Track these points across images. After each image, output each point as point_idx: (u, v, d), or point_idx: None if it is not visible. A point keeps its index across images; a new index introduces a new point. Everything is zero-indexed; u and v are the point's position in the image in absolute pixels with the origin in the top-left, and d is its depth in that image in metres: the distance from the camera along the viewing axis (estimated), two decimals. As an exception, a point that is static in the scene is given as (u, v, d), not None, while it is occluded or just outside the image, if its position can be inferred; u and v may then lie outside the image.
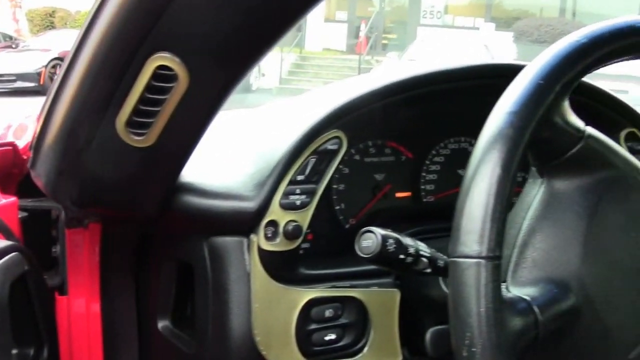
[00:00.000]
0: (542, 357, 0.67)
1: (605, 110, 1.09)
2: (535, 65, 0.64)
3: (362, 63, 13.25)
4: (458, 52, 10.98)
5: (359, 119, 0.93)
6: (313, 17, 16.13)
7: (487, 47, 11.64)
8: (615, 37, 0.67)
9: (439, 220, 0.88)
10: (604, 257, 0.67)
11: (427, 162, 1.06)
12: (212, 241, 0.89)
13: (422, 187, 1.06)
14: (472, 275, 0.57)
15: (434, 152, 1.06)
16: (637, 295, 0.67)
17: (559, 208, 0.68)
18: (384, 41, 16.96)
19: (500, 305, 0.58)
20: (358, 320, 0.92)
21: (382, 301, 0.93)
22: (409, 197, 1.05)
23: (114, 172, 0.79)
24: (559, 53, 0.65)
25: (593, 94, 1.07)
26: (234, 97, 0.75)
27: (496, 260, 0.57)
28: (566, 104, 0.67)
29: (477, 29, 16.44)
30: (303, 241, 0.92)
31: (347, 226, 1.00)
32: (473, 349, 0.57)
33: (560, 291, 0.65)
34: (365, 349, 0.92)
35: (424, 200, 1.06)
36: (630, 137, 1.10)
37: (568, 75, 0.64)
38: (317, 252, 0.95)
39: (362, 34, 14.89)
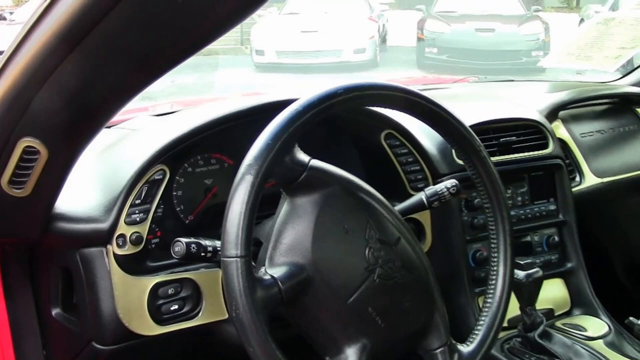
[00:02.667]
0: (290, 310, 1.03)
1: (367, 119, 1.45)
2: (267, 129, 0.97)
3: (245, 18, 13.21)
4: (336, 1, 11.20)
5: (178, 153, 1.25)
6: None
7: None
8: (321, 101, 1.01)
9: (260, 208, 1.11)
10: (326, 245, 1.03)
11: None
12: (81, 252, 1.19)
13: None
14: (233, 268, 0.91)
15: None
16: (349, 267, 1.04)
17: (296, 215, 1.04)
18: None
19: (253, 283, 0.92)
20: (193, 294, 1.24)
21: (209, 278, 1.25)
22: None
23: (3, 213, 1.09)
24: (281, 119, 0.98)
25: (357, 110, 1.42)
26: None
27: (246, 257, 0.92)
28: (294, 148, 1.02)
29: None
30: (154, 237, 1.24)
31: (187, 222, 1.33)
32: (237, 311, 0.91)
33: (297, 269, 1.00)
34: (201, 313, 1.24)
35: None
36: (389, 136, 1.46)
37: (287, 135, 0.97)
38: (166, 244, 1.20)
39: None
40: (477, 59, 9.59)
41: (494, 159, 1.62)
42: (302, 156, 1.05)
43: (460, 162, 1.55)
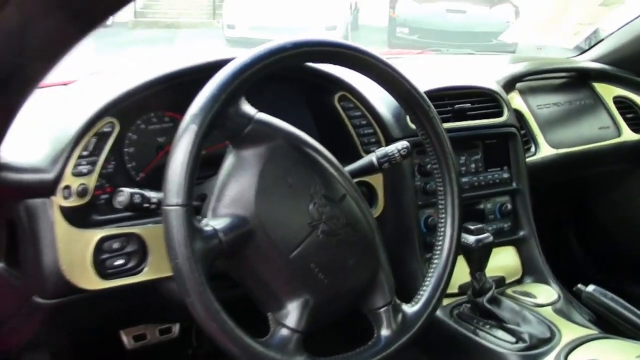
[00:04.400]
0: (232, 264, 1.04)
1: (321, 81, 1.45)
2: (212, 80, 0.99)
3: (218, -7, 13.16)
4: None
5: (129, 107, 1.24)
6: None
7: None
8: (269, 54, 1.02)
9: (210, 167, 1.14)
10: (269, 198, 1.03)
11: None
12: (26, 203, 1.17)
13: None
14: (173, 216, 0.92)
15: None
16: (292, 222, 1.05)
17: (241, 168, 1.04)
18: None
19: (193, 233, 0.93)
20: (139, 249, 1.22)
21: (156, 234, 1.22)
22: None
23: None
24: (228, 71, 0.99)
25: (311, 71, 1.42)
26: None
27: (187, 206, 0.92)
28: (240, 100, 1.02)
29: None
30: (103, 193, 1.23)
31: (138, 179, 1.32)
32: (176, 261, 0.92)
33: (239, 221, 1.01)
34: (146, 268, 1.23)
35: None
36: (342, 99, 1.47)
37: (233, 86, 0.98)
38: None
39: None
40: (448, 40, 9.62)
41: (448, 125, 1.64)
42: (248, 109, 1.05)
43: (414, 126, 1.57)
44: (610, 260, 2.35)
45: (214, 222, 1.01)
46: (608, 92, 2.20)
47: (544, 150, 1.92)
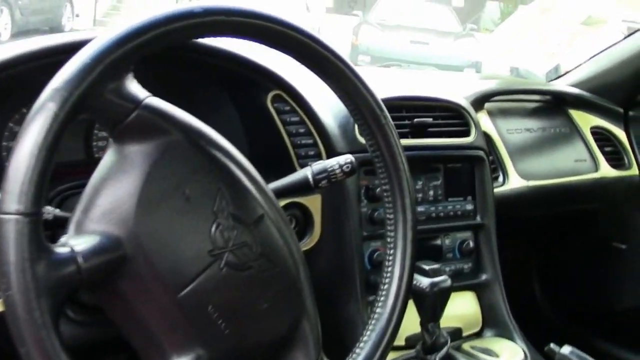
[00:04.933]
0: (96, 297, 0.79)
1: (252, 75, 1.20)
2: (87, 46, 0.72)
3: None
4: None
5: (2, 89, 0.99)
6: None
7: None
8: (170, 20, 0.76)
9: None
10: (155, 213, 0.77)
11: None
12: None
13: (94, 143, 1.14)
14: (10, 229, 0.65)
15: None
16: (186, 248, 0.78)
17: (121, 169, 0.78)
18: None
19: (38, 253, 0.67)
20: None
21: None
22: (83, 153, 1.14)
23: None
24: (111, 36, 0.73)
25: (238, 61, 1.18)
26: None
27: (34, 216, 0.66)
28: (125, 79, 0.76)
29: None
30: None
31: None
32: (8, 293, 0.65)
33: (110, 243, 0.74)
34: None
35: (96, 156, 1.15)
36: (277, 99, 1.23)
37: (115, 56, 0.72)
38: None
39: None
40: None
41: (405, 141, 1.38)
42: (136, 90, 0.78)
43: (364, 140, 1.34)
44: (581, 313, 2.18)
45: (75, 242, 0.74)
46: (585, 121, 2.02)
47: (514, 181, 1.72)
